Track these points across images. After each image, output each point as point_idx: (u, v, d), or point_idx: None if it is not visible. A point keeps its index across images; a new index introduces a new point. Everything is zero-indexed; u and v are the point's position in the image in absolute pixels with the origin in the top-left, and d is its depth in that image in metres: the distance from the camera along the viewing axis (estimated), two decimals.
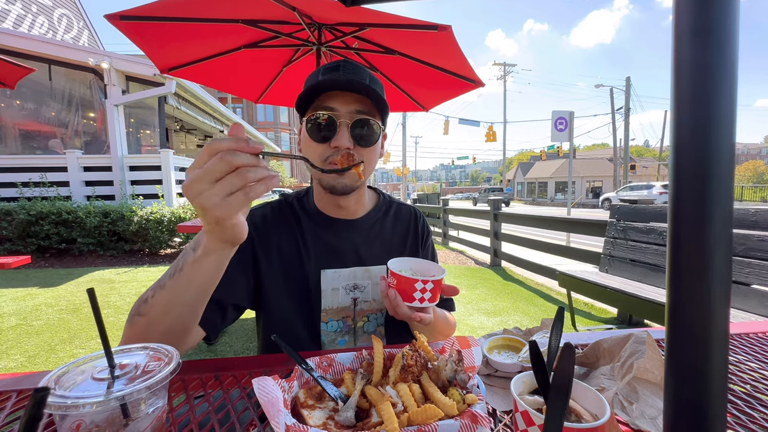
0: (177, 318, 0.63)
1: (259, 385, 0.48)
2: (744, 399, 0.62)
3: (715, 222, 0.31)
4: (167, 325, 0.63)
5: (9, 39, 6.62)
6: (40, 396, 0.23)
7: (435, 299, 0.73)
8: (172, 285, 0.61)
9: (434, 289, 0.71)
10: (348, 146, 0.78)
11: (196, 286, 0.61)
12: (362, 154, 0.81)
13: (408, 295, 0.71)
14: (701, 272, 0.31)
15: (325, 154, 0.80)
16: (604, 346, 0.65)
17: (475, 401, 0.50)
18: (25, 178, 6.48)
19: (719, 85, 0.31)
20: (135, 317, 0.63)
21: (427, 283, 0.70)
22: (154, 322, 0.62)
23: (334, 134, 0.79)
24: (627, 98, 24.69)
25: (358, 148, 0.81)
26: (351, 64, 0.84)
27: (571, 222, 4.40)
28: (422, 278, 0.70)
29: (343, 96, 0.80)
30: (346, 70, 0.82)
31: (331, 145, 0.79)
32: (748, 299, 2.21)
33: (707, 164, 0.31)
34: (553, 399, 0.32)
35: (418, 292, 0.70)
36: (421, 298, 0.70)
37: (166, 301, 0.61)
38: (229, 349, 2.83)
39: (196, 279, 0.60)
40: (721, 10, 0.30)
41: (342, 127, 0.79)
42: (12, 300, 4.00)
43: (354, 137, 0.80)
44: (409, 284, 0.70)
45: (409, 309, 0.71)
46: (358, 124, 0.80)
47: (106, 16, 2.18)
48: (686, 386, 0.33)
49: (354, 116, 0.80)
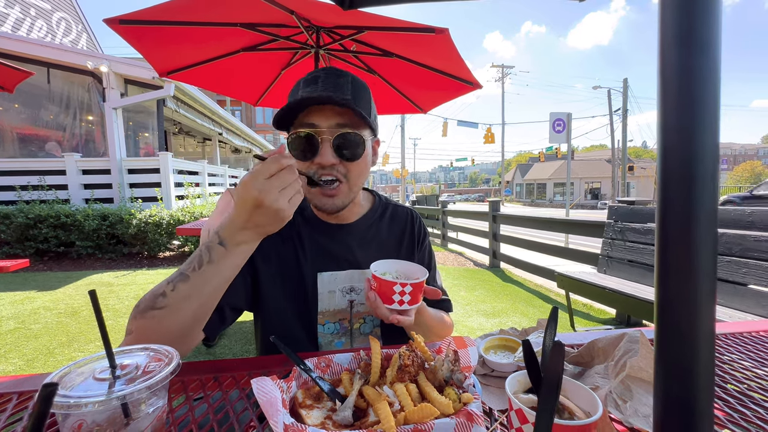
0: (197, 309, 0.66)
1: (258, 385, 0.49)
2: (737, 397, 0.63)
3: (701, 222, 0.32)
4: (185, 318, 0.65)
5: (8, 43, 6.62)
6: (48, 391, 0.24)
7: (416, 301, 0.74)
8: (197, 276, 0.65)
9: (413, 292, 0.72)
10: (332, 162, 0.78)
11: (222, 278, 0.67)
12: (348, 169, 0.81)
13: (387, 298, 0.72)
14: (688, 271, 0.32)
15: (309, 172, 0.79)
16: (599, 345, 0.66)
17: (470, 400, 0.50)
18: (24, 182, 6.46)
19: (703, 88, 0.32)
20: (149, 311, 0.64)
21: (405, 286, 0.71)
22: (173, 314, 0.64)
23: (317, 152, 0.78)
24: (624, 99, 24.81)
25: (344, 162, 0.80)
26: (331, 75, 0.82)
27: (570, 223, 4.42)
28: (401, 281, 0.71)
29: (323, 110, 0.78)
30: (326, 84, 0.80)
31: (314, 162, 0.79)
32: (745, 299, 2.22)
33: (692, 165, 0.32)
34: (544, 395, 0.32)
35: (396, 295, 0.71)
36: (400, 301, 0.72)
37: (189, 292, 0.65)
38: (228, 352, 2.83)
39: (225, 270, 0.67)
40: (705, 16, 0.32)
41: (324, 144, 0.77)
42: (10, 303, 3.99)
43: (337, 153, 0.78)
44: (388, 287, 0.71)
45: (388, 311, 0.72)
46: (340, 139, 0.78)
47: (105, 20, 2.19)
48: (674, 383, 0.34)
49: (335, 131, 0.77)
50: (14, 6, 9.87)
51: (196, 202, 7.17)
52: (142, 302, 0.66)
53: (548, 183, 44.63)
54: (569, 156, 8.26)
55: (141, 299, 0.67)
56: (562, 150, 25.76)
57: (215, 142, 12.47)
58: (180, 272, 0.66)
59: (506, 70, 32.19)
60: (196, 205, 6.93)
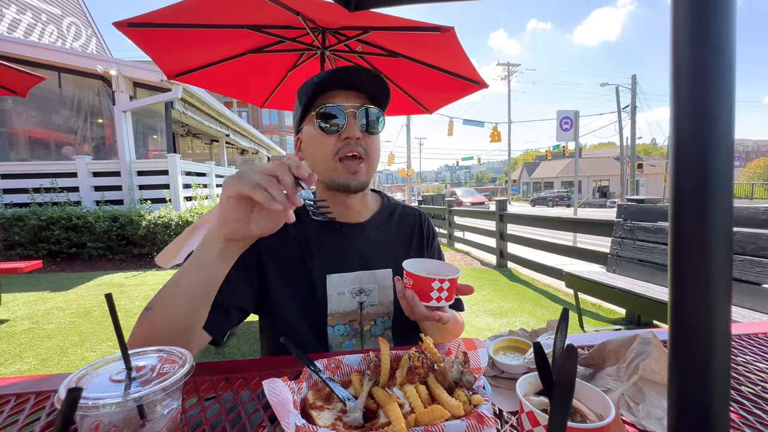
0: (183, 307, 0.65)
1: (270, 386, 0.49)
2: (752, 399, 0.62)
3: (716, 220, 0.31)
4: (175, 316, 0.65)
5: (20, 48, 6.76)
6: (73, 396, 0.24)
7: (451, 298, 0.73)
8: (181, 273, 0.65)
9: (450, 288, 0.72)
10: (358, 136, 0.82)
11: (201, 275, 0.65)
12: (370, 143, 0.86)
13: (425, 295, 0.71)
14: (702, 270, 0.32)
15: (336, 147, 0.83)
16: (610, 347, 0.65)
17: (481, 402, 0.50)
18: (36, 184, 6.60)
19: (717, 87, 0.31)
20: (143, 312, 0.65)
21: (443, 282, 0.71)
22: (163, 312, 0.65)
23: (342, 126, 0.82)
24: (633, 96, 24.48)
25: (366, 136, 0.85)
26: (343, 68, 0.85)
27: (578, 222, 4.38)
28: (439, 277, 0.71)
29: (344, 93, 0.85)
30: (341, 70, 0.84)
31: (341, 137, 0.83)
32: (759, 298, 2.18)
33: (707, 164, 0.31)
34: (557, 398, 0.32)
35: (435, 292, 0.71)
36: (438, 297, 0.71)
37: (172, 290, 0.65)
38: (237, 352, 2.85)
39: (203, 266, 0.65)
40: (718, 13, 0.31)
41: (350, 117, 0.82)
42: (24, 304, 4.08)
43: (362, 126, 0.84)
44: (426, 284, 0.71)
45: (426, 309, 0.72)
46: (364, 113, 0.84)
47: (115, 23, 2.22)
48: (689, 384, 0.33)
49: (359, 107, 0.84)
50: (26, 12, 10.05)
51: (204, 203, 7.24)
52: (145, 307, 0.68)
53: (555, 181, 44.23)
54: (577, 154, 8.17)
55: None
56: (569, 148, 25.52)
57: (222, 143, 12.59)
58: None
59: (512, 68, 31.96)
60: (204, 206, 7.00)
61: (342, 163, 0.84)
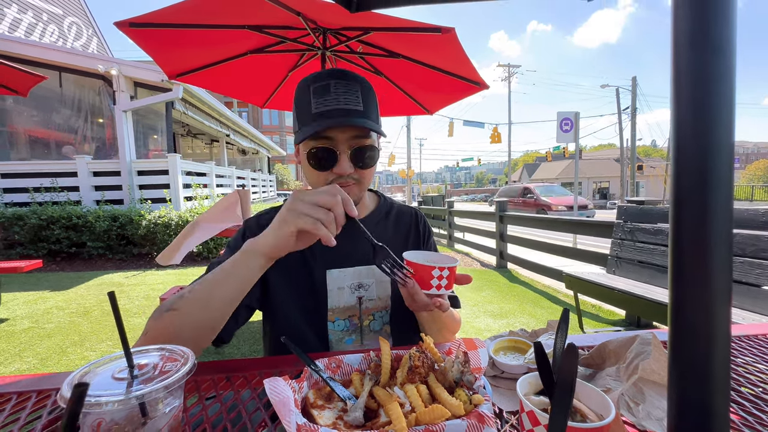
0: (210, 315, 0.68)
1: (271, 385, 0.49)
2: (752, 401, 0.62)
3: (716, 222, 0.31)
4: (198, 322, 0.67)
5: (21, 47, 6.76)
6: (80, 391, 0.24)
7: (450, 287, 0.74)
8: (213, 281, 0.67)
9: (450, 276, 0.73)
10: (349, 172, 0.82)
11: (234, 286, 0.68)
12: (362, 175, 0.86)
13: (425, 283, 0.72)
14: (702, 271, 0.32)
15: (327, 180, 0.83)
16: (610, 347, 0.65)
17: (481, 402, 0.50)
18: (37, 184, 6.60)
19: (718, 90, 0.32)
20: (165, 313, 0.66)
21: (443, 270, 0.72)
22: (186, 317, 0.66)
23: (335, 162, 0.81)
24: (633, 98, 24.49)
25: (359, 170, 0.84)
26: (341, 82, 0.82)
27: (578, 223, 4.38)
28: (438, 265, 0.72)
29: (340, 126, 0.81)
30: (337, 93, 0.80)
31: (333, 171, 0.82)
32: (759, 300, 2.18)
33: (707, 166, 0.31)
34: (557, 398, 0.32)
35: (435, 279, 0.72)
36: (438, 285, 0.72)
37: (202, 296, 0.67)
38: (236, 352, 2.85)
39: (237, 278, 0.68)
40: (719, 16, 0.31)
41: (342, 156, 0.81)
42: (24, 303, 4.08)
43: (354, 162, 0.83)
44: (426, 271, 0.72)
45: (426, 296, 0.73)
46: (357, 152, 0.82)
47: (116, 23, 2.23)
48: (689, 384, 0.33)
49: (352, 143, 0.82)
50: (27, 11, 10.07)
51: (204, 203, 7.24)
52: (164, 303, 0.68)
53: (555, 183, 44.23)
54: (577, 155, 8.17)
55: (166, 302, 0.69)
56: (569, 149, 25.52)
57: (222, 143, 12.60)
58: (203, 277, 0.70)
59: (512, 69, 31.97)
60: (204, 206, 7.00)
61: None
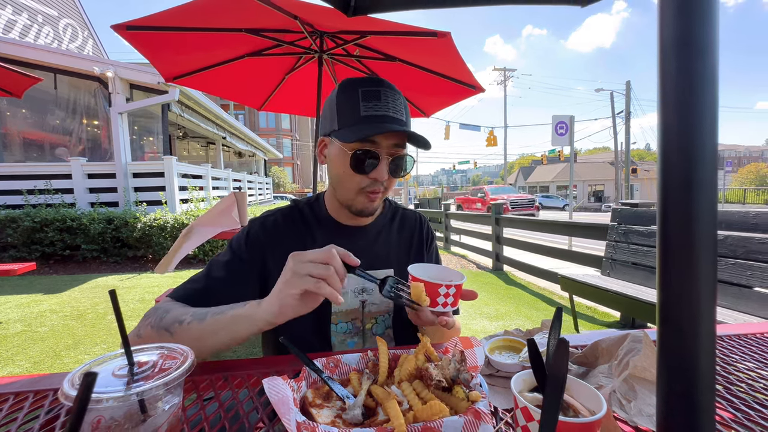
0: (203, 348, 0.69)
1: (270, 384, 0.50)
2: (740, 397, 0.63)
3: (701, 224, 0.33)
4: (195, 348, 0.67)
5: (16, 49, 6.72)
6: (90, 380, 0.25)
7: (456, 304, 0.74)
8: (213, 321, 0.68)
9: (456, 293, 0.73)
10: (385, 178, 0.84)
11: (232, 333, 0.68)
12: (390, 184, 0.89)
13: (432, 300, 0.71)
14: (688, 272, 0.33)
15: (363, 184, 0.84)
16: (603, 345, 0.67)
17: (478, 398, 0.51)
18: (30, 186, 6.54)
19: (702, 90, 0.33)
20: (163, 330, 0.69)
21: (450, 288, 0.71)
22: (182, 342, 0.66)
23: (374, 167, 0.83)
24: (627, 102, 24.75)
25: (390, 178, 0.87)
26: (389, 92, 0.83)
27: (573, 226, 4.41)
28: (446, 283, 0.71)
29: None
30: (387, 101, 0.82)
31: (370, 176, 0.84)
32: (750, 302, 2.21)
33: (691, 167, 0.33)
34: (549, 392, 0.33)
35: (441, 297, 0.71)
36: (444, 303, 0.72)
37: (199, 334, 0.68)
38: (232, 354, 2.84)
39: (238, 326, 0.68)
40: (702, 20, 0.33)
41: (383, 162, 0.83)
42: (17, 306, 4.03)
43: (390, 170, 0.85)
44: (433, 289, 0.71)
45: (432, 314, 0.73)
46: (396, 160, 0.85)
47: (113, 26, 2.23)
48: (677, 381, 0.35)
49: (392, 151, 0.84)
50: (22, 13, 10.01)
51: (200, 206, 7.21)
52: (166, 317, 0.70)
53: (551, 185, 44.51)
54: (572, 159, 8.25)
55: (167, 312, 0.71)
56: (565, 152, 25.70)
57: (219, 146, 12.56)
58: (206, 311, 0.70)
59: (508, 73, 32.20)
60: (200, 209, 6.97)
61: (363, 193, 0.86)
